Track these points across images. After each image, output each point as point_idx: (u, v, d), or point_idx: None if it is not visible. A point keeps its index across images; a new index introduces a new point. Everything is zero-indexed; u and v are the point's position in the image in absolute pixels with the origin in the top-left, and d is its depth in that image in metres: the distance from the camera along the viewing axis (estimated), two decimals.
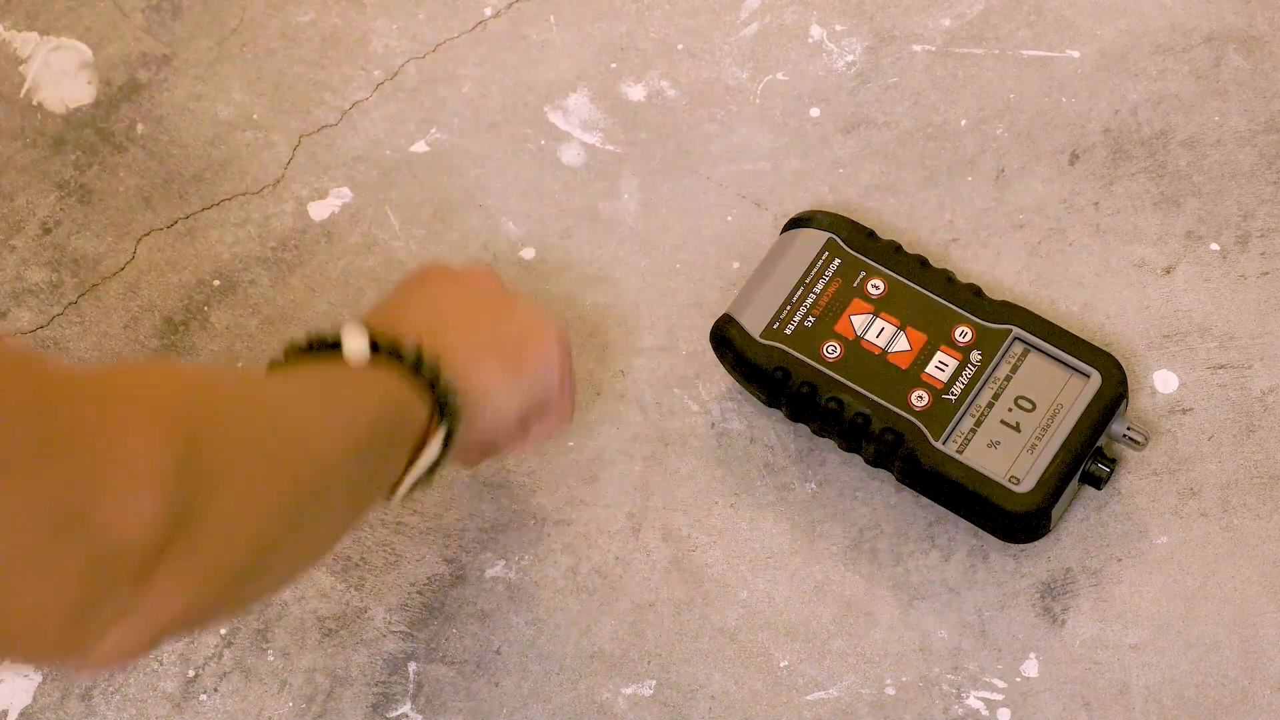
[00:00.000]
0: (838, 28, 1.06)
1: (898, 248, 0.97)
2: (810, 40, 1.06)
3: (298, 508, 0.71)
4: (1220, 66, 1.03)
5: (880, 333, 0.95)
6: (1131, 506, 0.95)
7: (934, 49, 1.05)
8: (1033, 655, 0.93)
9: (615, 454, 0.98)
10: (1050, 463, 0.91)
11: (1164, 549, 0.94)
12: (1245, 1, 1.04)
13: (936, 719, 0.92)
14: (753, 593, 0.95)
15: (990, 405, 0.93)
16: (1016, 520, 0.92)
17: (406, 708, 0.94)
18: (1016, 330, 0.94)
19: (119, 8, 1.09)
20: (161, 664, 0.95)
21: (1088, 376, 0.93)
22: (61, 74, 1.08)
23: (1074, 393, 0.93)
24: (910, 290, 0.95)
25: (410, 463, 0.80)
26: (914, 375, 0.94)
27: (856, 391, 0.93)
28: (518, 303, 0.89)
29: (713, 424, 0.98)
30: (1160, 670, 0.92)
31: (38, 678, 0.96)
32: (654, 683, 0.94)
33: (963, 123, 1.03)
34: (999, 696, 0.92)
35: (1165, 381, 0.97)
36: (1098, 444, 0.92)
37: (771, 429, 0.98)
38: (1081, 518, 0.95)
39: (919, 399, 0.93)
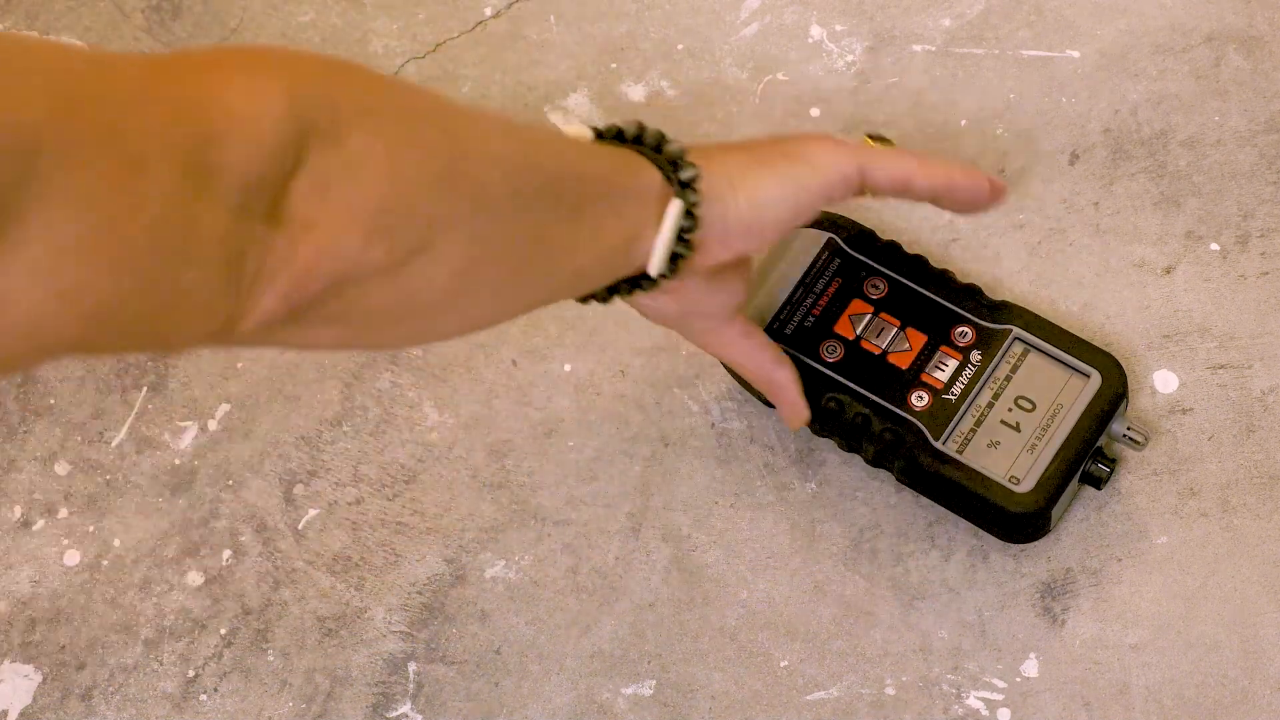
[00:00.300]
0: (838, 28, 1.06)
1: (898, 248, 0.97)
2: (810, 40, 1.06)
3: (453, 169, 0.68)
4: (1220, 66, 1.03)
5: (880, 333, 0.95)
6: (1131, 506, 0.95)
7: (934, 49, 1.05)
8: (1033, 655, 0.93)
9: (615, 454, 0.98)
10: (1050, 463, 0.91)
11: (1164, 549, 0.94)
12: (1245, 1, 1.04)
13: (936, 719, 0.92)
14: (753, 593, 0.95)
15: (990, 405, 0.93)
16: (1016, 520, 0.92)
17: (406, 708, 0.94)
18: (1016, 330, 0.94)
19: (119, 8, 1.09)
20: (161, 664, 0.95)
21: (1088, 376, 0.93)
22: None
23: (1074, 393, 0.93)
24: (910, 290, 0.95)
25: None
26: (914, 375, 0.94)
27: (856, 392, 0.93)
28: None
29: (713, 424, 0.98)
30: (1160, 670, 0.92)
31: (38, 678, 0.96)
32: (654, 683, 0.94)
33: (963, 123, 1.03)
34: (999, 696, 0.92)
35: (1165, 381, 0.97)
36: (1098, 444, 0.92)
37: (771, 429, 0.98)
38: (1081, 518, 0.95)
39: (919, 399, 0.93)
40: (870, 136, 0.93)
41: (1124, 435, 0.93)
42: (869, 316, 0.95)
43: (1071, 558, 0.94)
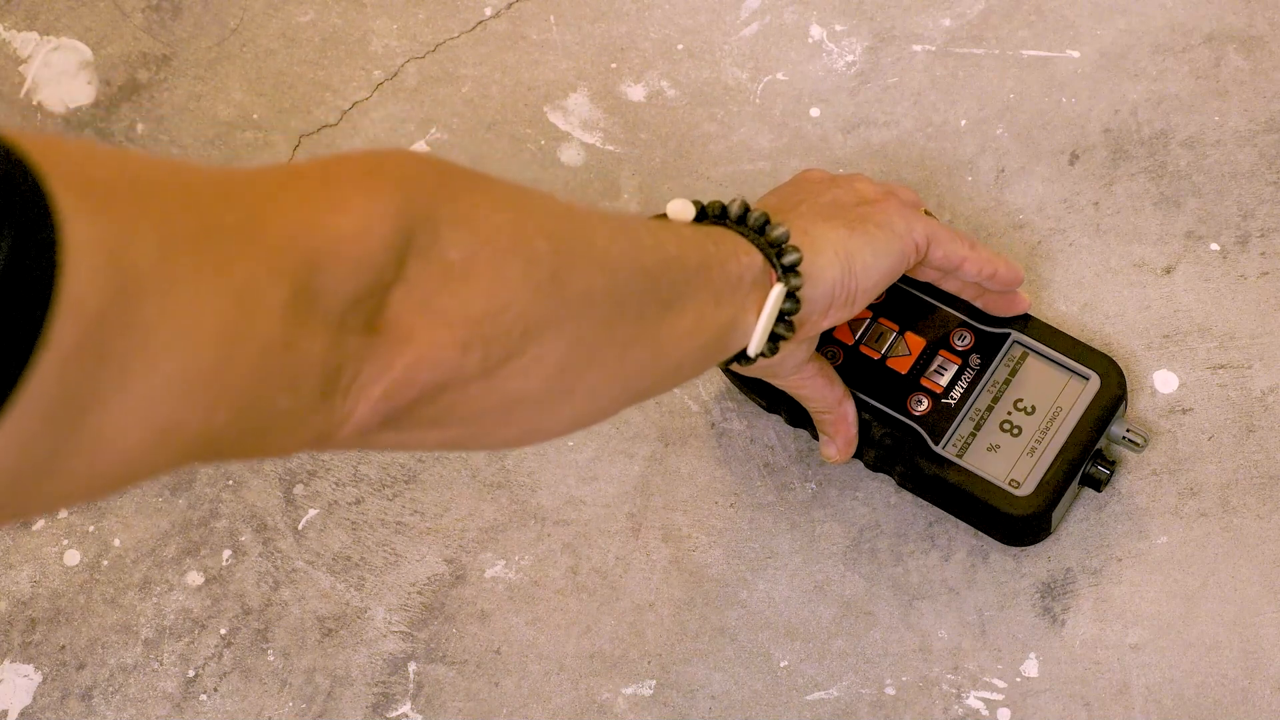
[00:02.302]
0: (838, 28, 1.06)
1: None
2: (810, 40, 1.06)
3: (557, 278, 0.68)
4: (1220, 66, 1.03)
5: (879, 338, 0.95)
6: (1131, 506, 0.95)
7: (934, 49, 1.05)
8: (1033, 655, 0.93)
9: (615, 454, 0.98)
10: (1050, 466, 0.91)
11: (1164, 549, 0.94)
12: (1245, 1, 1.04)
13: (936, 719, 0.92)
14: (753, 593, 0.95)
15: (990, 409, 0.93)
16: (1017, 524, 0.92)
17: (406, 708, 0.94)
18: (1015, 334, 0.94)
19: (119, 8, 1.09)
20: (161, 664, 0.95)
21: (1086, 379, 0.93)
22: (61, 74, 1.08)
23: (1073, 395, 0.93)
24: (909, 295, 0.95)
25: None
26: (913, 380, 0.94)
27: (856, 397, 0.93)
28: (855, 178, 0.89)
29: (713, 424, 0.98)
30: (1160, 670, 0.92)
31: (38, 678, 0.96)
32: (654, 683, 0.94)
33: (963, 123, 1.03)
34: (999, 696, 0.92)
35: (1165, 381, 0.97)
36: (1097, 446, 0.92)
37: (771, 429, 0.98)
38: (1081, 518, 0.95)
39: (918, 403, 0.93)
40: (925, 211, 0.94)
41: (1123, 437, 0.93)
42: (868, 322, 0.95)
43: (1071, 558, 0.94)
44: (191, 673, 0.95)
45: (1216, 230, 1.00)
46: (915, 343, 0.94)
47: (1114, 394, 0.92)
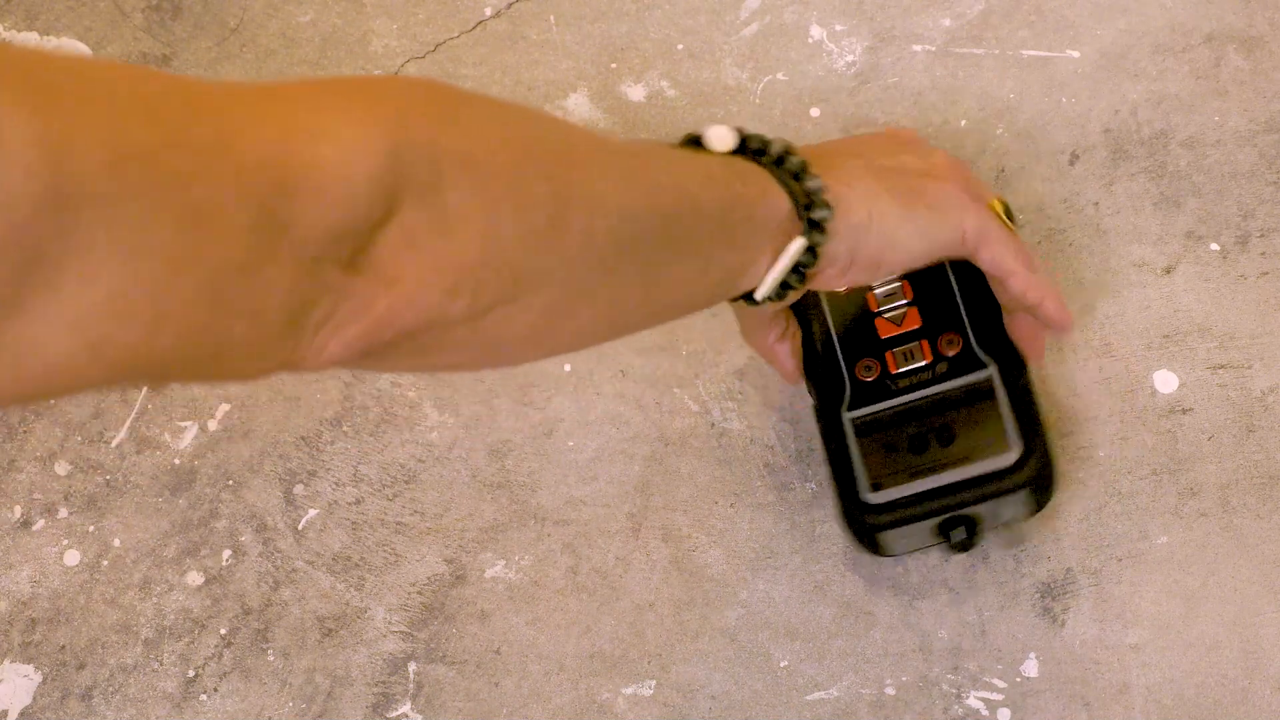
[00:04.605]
0: (838, 28, 1.06)
1: None
2: (810, 40, 1.06)
3: (557, 223, 0.64)
4: (1220, 66, 1.03)
5: (890, 295, 0.93)
6: (1131, 506, 0.95)
7: (934, 49, 1.05)
8: (1033, 655, 0.93)
9: (615, 454, 0.98)
10: (912, 495, 0.89)
11: (1164, 549, 0.94)
12: (1245, 1, 1.04)
13: (936, 719, 0.92)
14: (753, 593, 0.95)
15: (917, 414, 0.91)
16: (851, 522, 0.90)
17: (406, 708, 0.94)
18: (995, 373, 0.91)
19: (119, 8, 1.09)
20: (161, 664, 0.95)
21: (1009, 452, 0.90)
22: None
23: (988, 459, 0.90)
24: (944, 278, 0.93)
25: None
26: (880, 349, 0.92)
27: (826, 324, 0.92)
28: (921, 143, 0.86)
29: (713, 424, 0.98)
30: (1160, 670, 0.92)
31: (38, 678, 0.96)
32: (654, 683, 0.94)
33: (963, 123, 1.03)
34: (999, 696, 0.92)
35: (1165, 381, 0.97)
36: (971, 512, 0.90)
37: (771, 429, 0.98)
38: (1081, 517, 0.95)
39: (867, 369, 0.92)
40: (1003, 203, 0.89)
41: (979, 523, 0.90)
42: (895, 280, 0.93)
43: (1071, 558, 0.94)
44: (191, 673, 0.95)
45: (1216, 230, 1.00)
46: (912, 320, 0.93)
47: (1021, 484, 0.89)
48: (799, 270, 0.78)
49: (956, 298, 0.93)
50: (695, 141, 0.77)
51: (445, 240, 0.61)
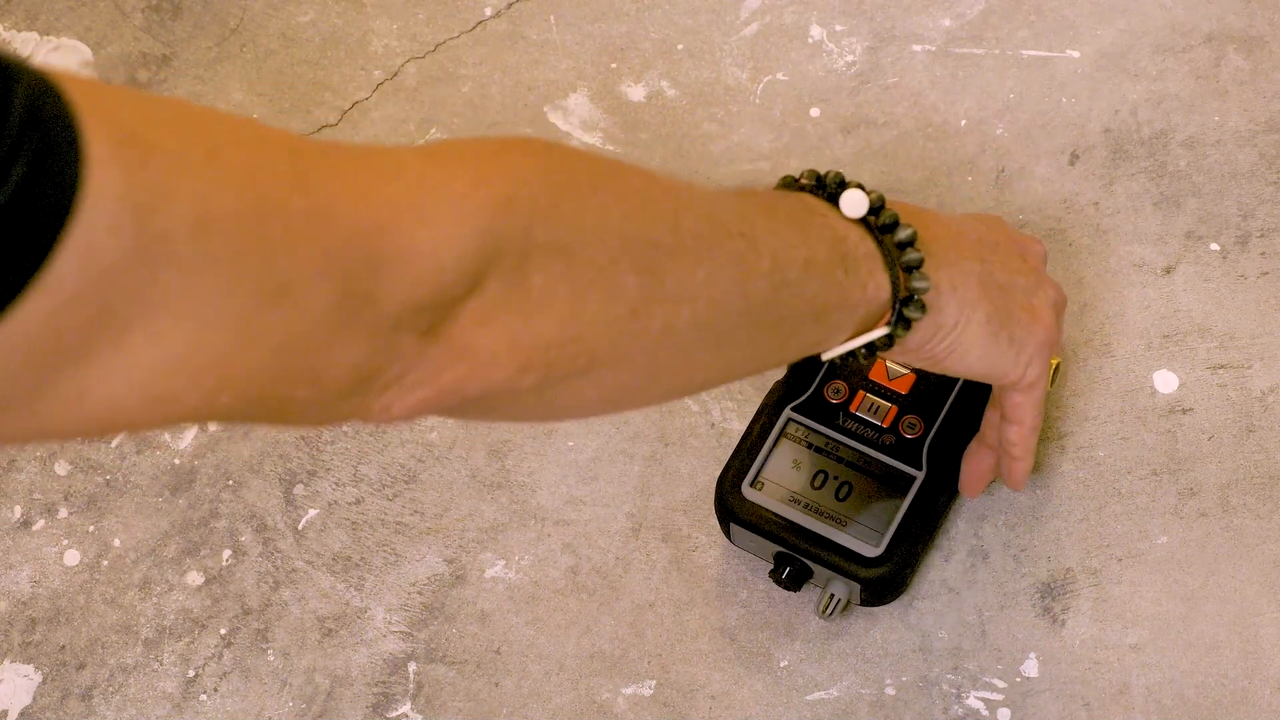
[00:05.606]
0: (838, 28, 1.06)
1: None
2: (810, 40, 1.06)
3: (640, 314, 0.63)
4: (1220, 66, 1.03)
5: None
6: (1131, 506, 0.95)
7: (934, 49, 1.05)
8: (1033, 655, 0.93)
9: (615, 454, 0.98)
10: (775, 516, 0.91)
11: (1164, 549, 0.94)
12: (1245, 1, 1.04)
13: (936, 719, 0.92)
14: (753, 593, 0.95)
15: (839, 457, 0.92)
16: (721, 494, 0.92)
17: (406, 708, 0.94)
18: (920, 480, 0.91)
19: (119, 8, 1.09)
20: (161, 664, 0.95)
21: (872, 547, 0.90)
22: None
23: (854, 536, 0.91)
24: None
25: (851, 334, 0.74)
26: (861, 384, 0.93)
27: None
28: (1041, 271, 0.85)
29: (713, 424, 0.98)
30: (1160, 670, 0.92)
31: (38, 678, 0.96)
32: (654, 683, 0.94)
33: (963, 123, 1.03)
34: (999, 696, 0.92)
35: (1165, 381, 0.97)
36: (808, 563, 0.91)
37: None
38: (1081, 518, 0.95)
39: (836, 392, 0.93)
40: (1058, 363, 0.90)
41: (825, 592, 0.91)
42: None
43: (1071, 558, 0.94)
44: (191, 673, 0.95)
45: (1216, 230, 1.00)
46: (902, 385, 0.93)
47: (859, 577, 0.90)
48: (871, 346, 0.76)
49: (949, 398, 0.93)
50: (813, 183, 0.75)
51: (524, 320, 0.61)
